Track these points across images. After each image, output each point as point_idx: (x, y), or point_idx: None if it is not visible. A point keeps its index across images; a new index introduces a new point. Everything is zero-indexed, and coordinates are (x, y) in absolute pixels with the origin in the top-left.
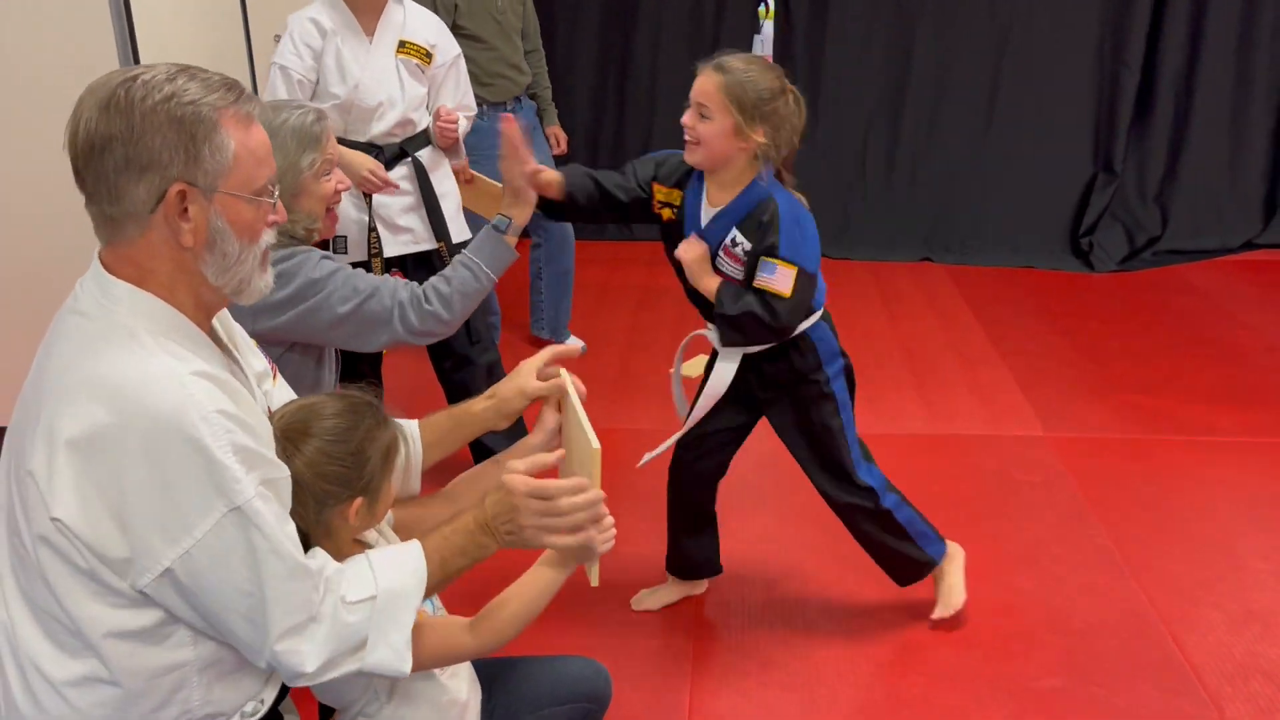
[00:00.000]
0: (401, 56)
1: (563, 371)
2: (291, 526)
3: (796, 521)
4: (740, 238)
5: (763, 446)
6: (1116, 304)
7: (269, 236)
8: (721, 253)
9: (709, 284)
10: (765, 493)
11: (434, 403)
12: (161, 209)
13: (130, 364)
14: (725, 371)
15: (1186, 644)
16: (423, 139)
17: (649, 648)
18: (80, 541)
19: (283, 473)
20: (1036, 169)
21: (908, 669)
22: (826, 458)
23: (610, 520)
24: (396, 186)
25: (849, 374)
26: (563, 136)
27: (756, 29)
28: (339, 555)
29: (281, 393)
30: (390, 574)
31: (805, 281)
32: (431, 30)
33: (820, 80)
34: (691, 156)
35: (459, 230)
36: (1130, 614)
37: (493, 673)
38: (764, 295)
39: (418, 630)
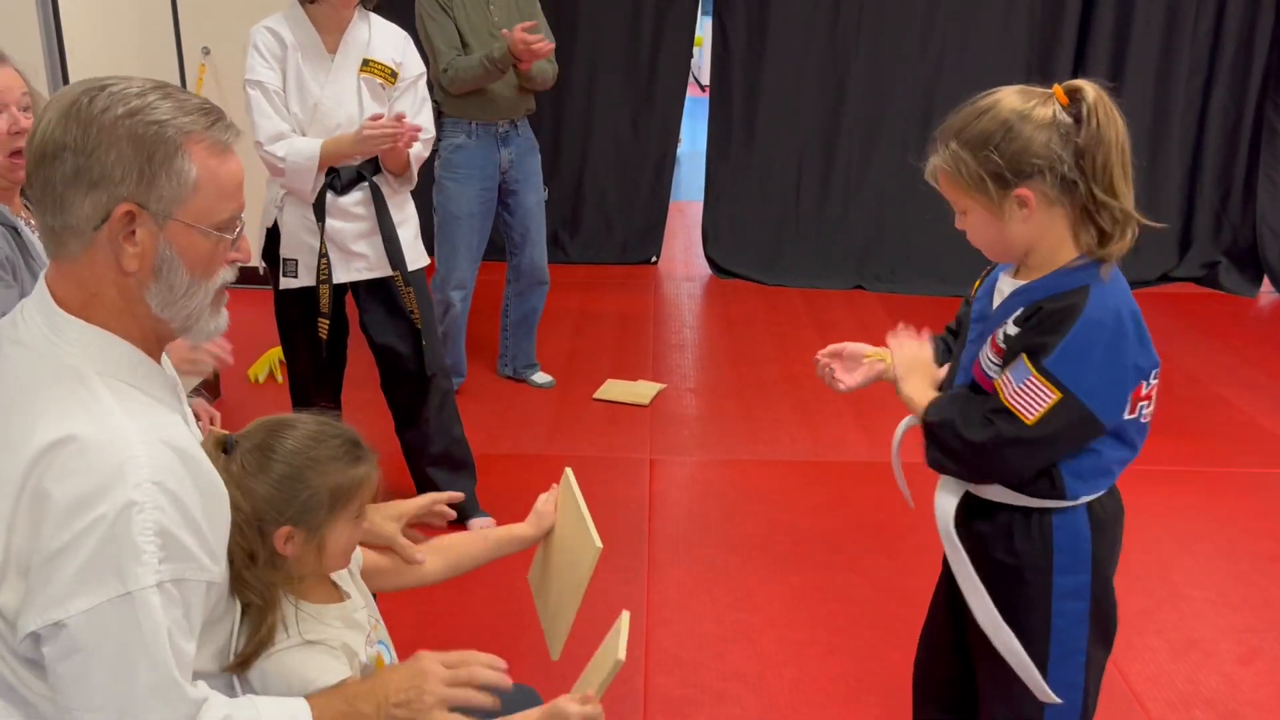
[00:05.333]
0: (365, 75)
1: (567, 470)
2: (189, 643)
3: (744, 550)
4: (1011, 324)
5: (706, 475)
6: None
7: (227, 274)
8: (989, 345)
9: (914, 394)
10: (710, 522)
11: (390, 430)
12: (106, 228)
13: (77, 419)
14: (943, 507)
15: (1130, 672)
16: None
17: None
18: None
19: (205, 575)
20: None
21: (862, 698)
22: (1014, 686)
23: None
24: (418, 129)
25: (1099, 617)
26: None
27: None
28: (301, 586)
29: None
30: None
31: (1069, 418)
32: (397, 48)
33: (755, 109)
34: (993, 257)
35: (416, 258)
36: None
37: None
38: (995, 408)
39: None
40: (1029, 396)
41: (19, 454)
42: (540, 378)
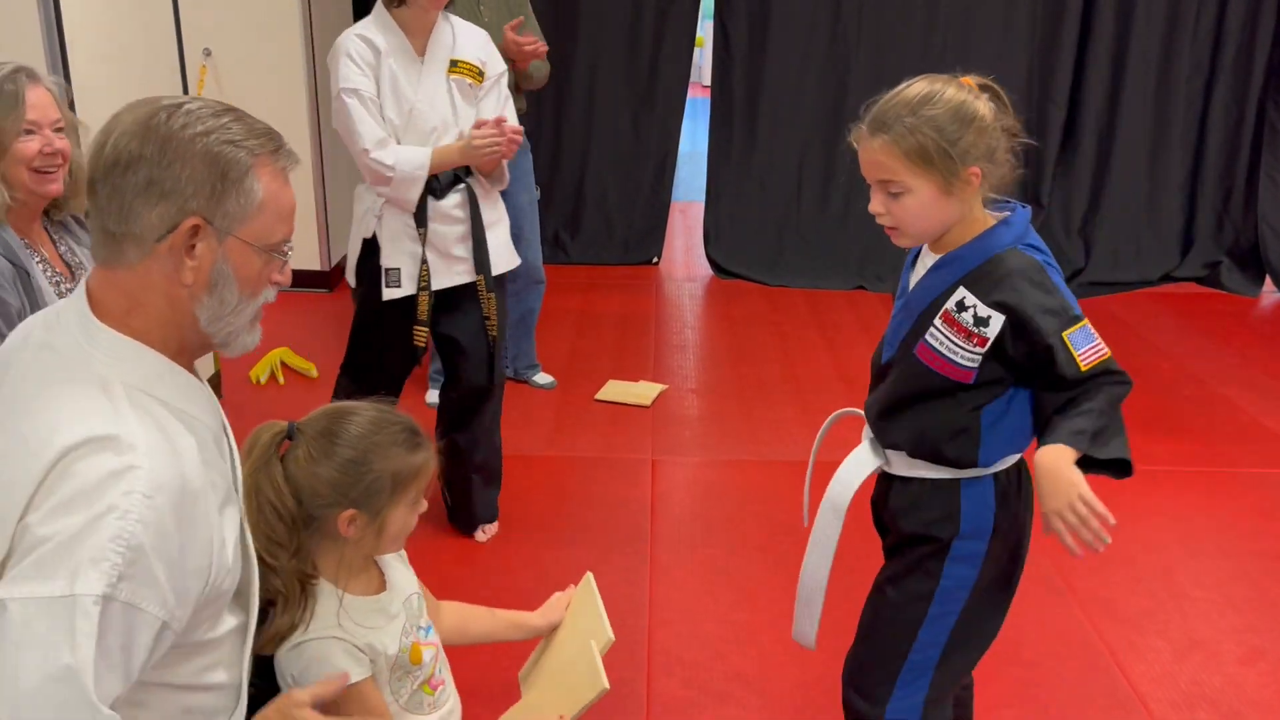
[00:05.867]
0: (454, 76)
1: (589, 575)
2: (114, 678)
3: (744, 552)
4: (971, 299)
5: (708, 475)
6: None
7: (269, 294)
8: (941, 322)
9: (1069, 473)
10: (712, 523)
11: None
12: (170, 239)
13: (96, 425)
14: (848, 478)
15: (1133, 673)
16: None
17: None
18: None
19: (162, 614)
20: None
21: None
22: (877, 638)
23: None
24: (519, 131)
25: (998, 572)
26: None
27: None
28: (345, 573)
29: None
30: None
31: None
32: (480, 47)
33: (757, 109)
34: (903, 241)
35: (506, 261)
36: (1078, 644)
37: None
38: (1098, 374)
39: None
40: (1093, 341)
41: (41, 455)
42: (541, 378)
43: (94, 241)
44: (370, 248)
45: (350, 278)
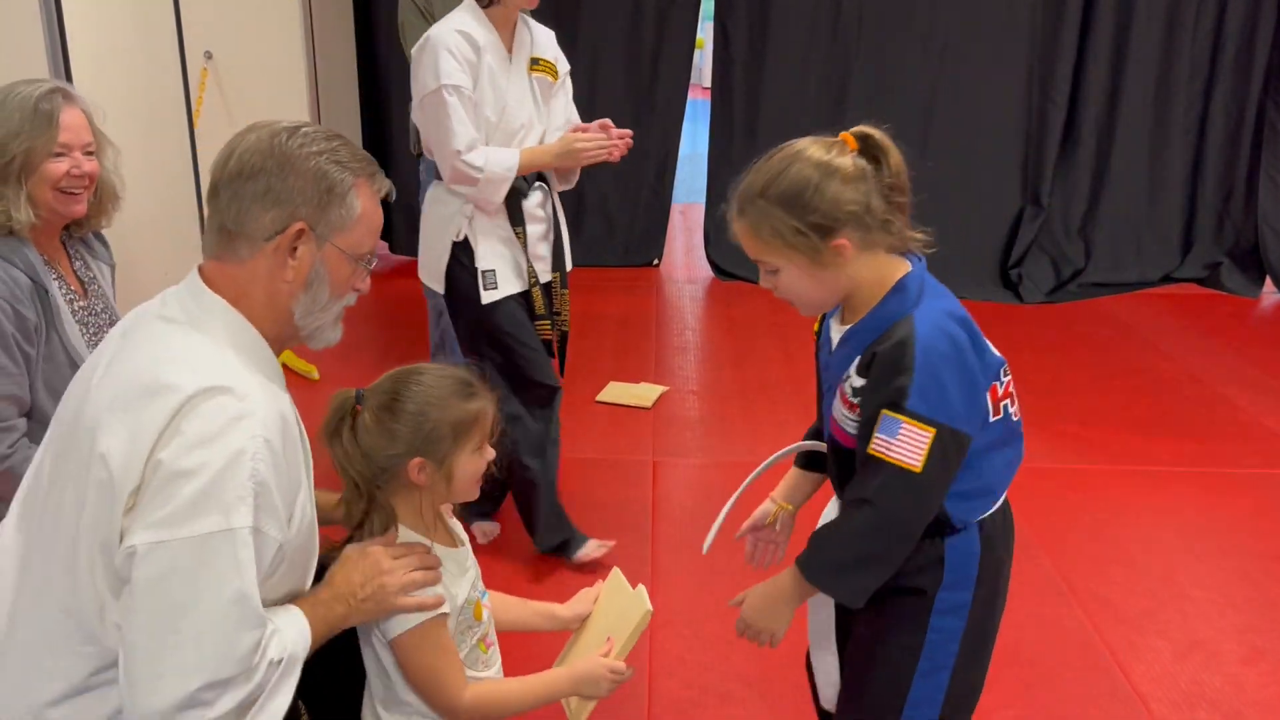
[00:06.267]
0: (536, 74)
1: (616, 569)
2: (255, 590)
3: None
4: (855, 376)
5: (709, 477)
6: (1046, 335)
7: (350, 299)
8: (839, 399)
9: (786, 589)
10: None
11: None
12: (277, 240)
13: (217, 377)
14: (827, 663)
15: (1134, 673)
16: None
17: None
18: (115, 490)
19: (279, 536)
20: (967, 202)
21: None
22: (870, 699)
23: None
24: (628, 134)
25: (972, 638)
26: None
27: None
28: (423, 525)
29: None
30: (292, 636)
31: (948, 447)
32: (553, 44)
33: (757, 111)
34: (805, 313)
35: (569, 260)
36: (1079, 644)
37: None
38: (881, 475)
39: (438, 646)
40: (908, 443)
41: (167, 401)
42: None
43: (208, 238)
44: (460, 250)
45: (435, 282)
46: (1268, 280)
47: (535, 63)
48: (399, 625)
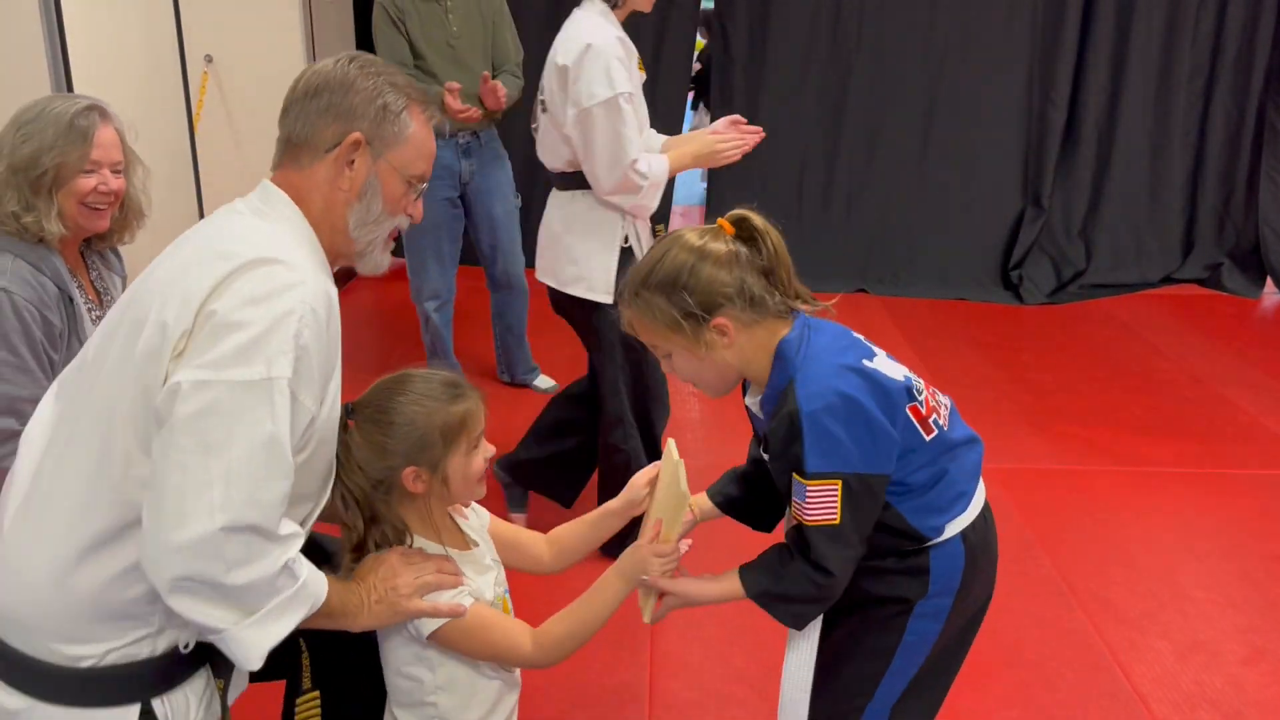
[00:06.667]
0: (639, 74)
1: (671, 441)
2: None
3: (749, 552)
4: (762, 451)
5: (710, 478)
6: (1047, 336)
7: (402, 220)
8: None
9: (715, 589)
10: (714, 525)
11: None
12: (337, 150)
13: (274, 251)
14: (797, 663)
15: (1134, 674)
16: None
17: (604, 684)
18: (170, 335)
19: (312, 406)
20: (968, 203)
21: None
22: (832, 693)
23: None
24: (760, 130)
25: (944, 645)
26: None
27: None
28: (433, 530)
29: None
30: (313, 578)
31: (860, 491)
32: None
33: (758, 114)
34: (710, 394)
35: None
36: (1080, 645)
37: None
38: (806, 539)
39: (483, 625)
40: (820, 502)
41: (227, 261)
42: (543, 382)
43: (276, 152)
44: (627, 257)
45: (599, 293)
46: (1268, 281)
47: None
48: (428, 625)
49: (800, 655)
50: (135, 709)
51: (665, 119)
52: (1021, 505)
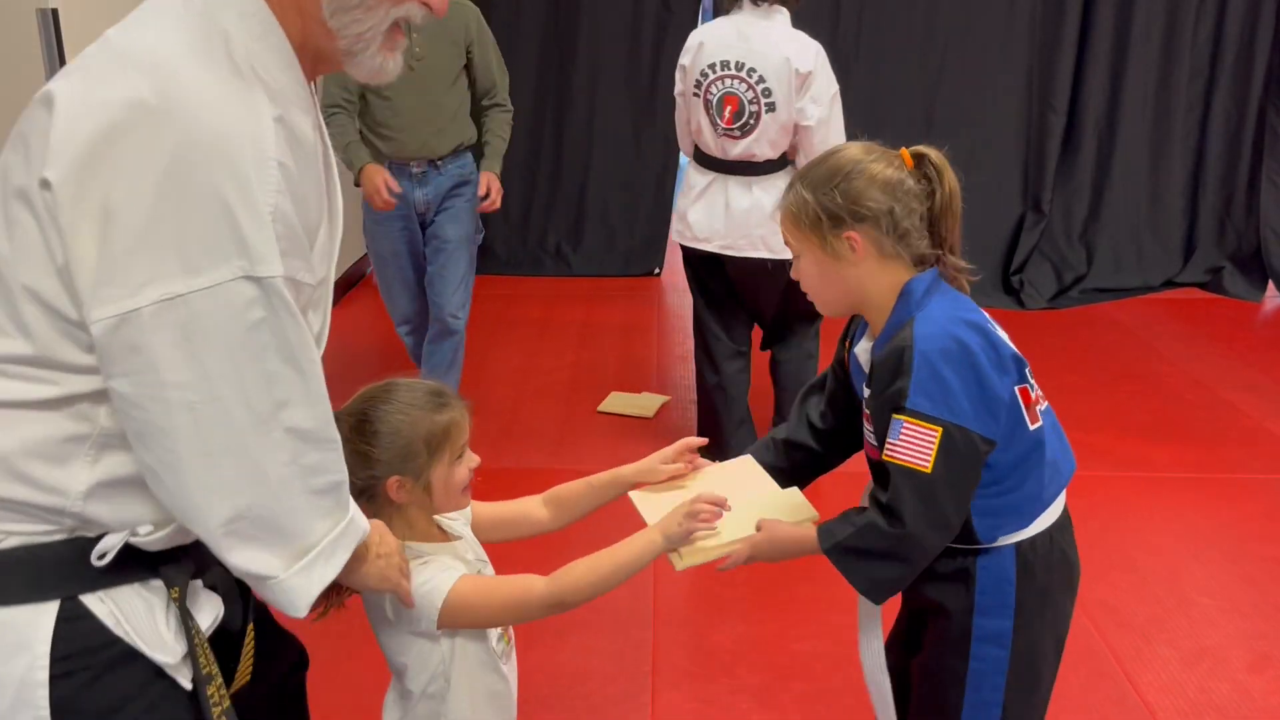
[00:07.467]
0: None
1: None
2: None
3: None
4: (864, 387)
5: None
6: (1048, 341)
7: (412, 10)
8: (864, 417)
9: (791, 539)
10: None
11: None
12: None
13: (207, 69)
14: (870, 651)
15: (1140, 681)
16: None
17: (606, 694)
18: (60, 226)
19: (312, 284)
20: (968, 208)
21: (870, 710)
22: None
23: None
24: None
25: (1021, 671)
26: (495, 186)
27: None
28: (418, 537)
29: None
30: (357, 514)
31: (959, 447)
32: None
33: None
34: (823, 310)
35: None
36: (1086, 651)
37: None
38: (888, 478)
39: (484, 589)
40: (914, 443)
41: (131, 74)
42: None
43: None
44: None
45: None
46: (1270, 285)
47: None
48: (428, 618)
49: (872, 656)
50: (52, 607)
51: (665, 127)
52: None
